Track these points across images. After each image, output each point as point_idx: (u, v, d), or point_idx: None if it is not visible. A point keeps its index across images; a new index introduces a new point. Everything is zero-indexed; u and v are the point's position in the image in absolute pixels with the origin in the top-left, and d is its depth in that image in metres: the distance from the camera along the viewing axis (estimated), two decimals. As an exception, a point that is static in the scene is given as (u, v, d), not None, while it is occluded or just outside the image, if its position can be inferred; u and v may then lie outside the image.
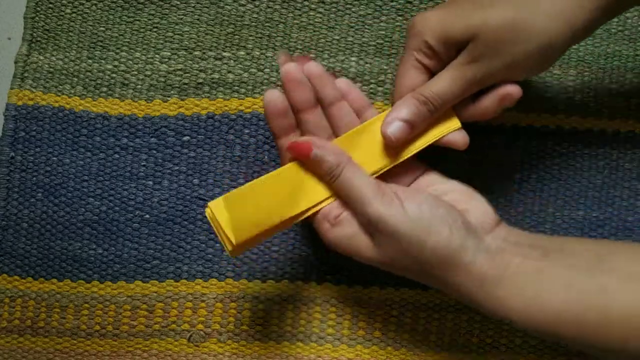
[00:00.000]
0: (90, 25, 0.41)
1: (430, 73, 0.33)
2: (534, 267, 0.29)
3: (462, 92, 0.32)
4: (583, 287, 0.28)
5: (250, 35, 0.41)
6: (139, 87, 0.41)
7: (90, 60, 0.41)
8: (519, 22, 0.30)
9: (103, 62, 0.41)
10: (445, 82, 0.32)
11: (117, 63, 0.41)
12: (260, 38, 0.41)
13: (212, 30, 0.41)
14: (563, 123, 0.41)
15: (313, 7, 0.41)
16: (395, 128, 0.32)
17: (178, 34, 0.41)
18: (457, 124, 0.33)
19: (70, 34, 0.41)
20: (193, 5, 0.41)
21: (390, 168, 0.33)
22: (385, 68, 0.41)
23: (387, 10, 0.41)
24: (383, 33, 0.41)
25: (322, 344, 0.39)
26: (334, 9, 0.41)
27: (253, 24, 0.41)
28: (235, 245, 0.31)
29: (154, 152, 0.40)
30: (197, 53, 0.41)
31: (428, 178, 0.34)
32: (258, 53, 0.41)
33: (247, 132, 0.40)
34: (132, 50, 0.41)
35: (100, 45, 0.41)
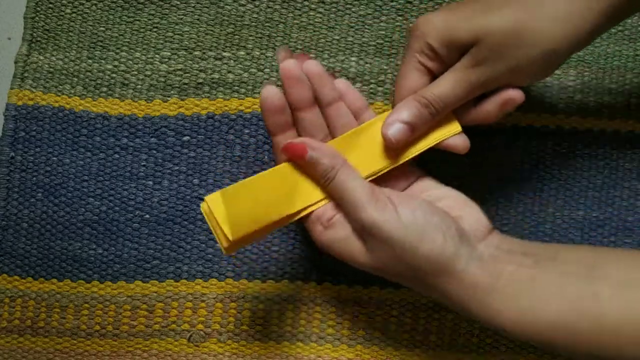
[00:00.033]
0: (90, 25, 0.41)
1: (432, 75, 0.33)
2: (527, 275, 0.29)
3: (464, 95, 0.32)
4: (576, 295, 0.28)
5: (250, 35, 0.41)
6: (139, 87, 0.41)
7: (90, 60, 0.41)
8: (525, 27, 0.29)
9: (103, 62, 0.41)
10: (448, 85, 0.31)
11: (117, 63, 0.41)
12: (260, 38, 0.41)
13: (212, 30, 0.41)
14: (563, 123, 0.41)
15: (313, 7, 0.41)
16: (396, 130, 0.31)
17: (178, 34, 0.41)
18: (457, 128, 0.33)
19: (70, 34, 0.41)
20: (193, 5, 0.41)
21: (385, 173, 0.33)
22: (385, 68, 0.41)
23: (387, 10, 0.41)
24: (383, 33, 0.41)
25: (322, 344, 0.39)
26: (334, 9, 0.41)
27: (253, 24, 0.41)
28: (232, 242, 0.31)
29: (154, 152, 0.40)
30: (197, 53, 0.41)
31: (422, 184, 0.34)
32: (258, 53, 0.41)
33: (247, 132, 0.40)
34: (132, 50, 0.41)
35: (100, 45, 0.41)
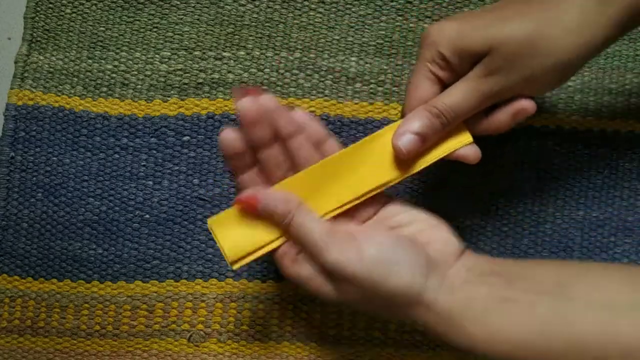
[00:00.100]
0: (90, 25, 0.41)
1: (443, 84, 0.32)
2: (499, 297, 0.29)
3: (476, 105, 0.31)
4: (546, 316, 0.28)
5: (250, 35, 0.41)
6: (139, 87, 0.41)
7: (90, 60, 0.41)
8: (539, 37, 0.29)
9: (103, 62, 0.41)
10: (460, 95, 0.31)
11: (117, 63, 0.41)
12: (260, 38, 0.41)
13: (212, 30, 0.41)
14: (563, 123, 0.41)
15: (313, 7, 0.41)
16: (407, 140, 0.31)
17: (178, 34, 0.41)
18: (468, 138, 0.32)
19: (70, 34, 0.41)
20: (193, 5, 0.41)
21: (370, 195, 0.32)
22: (385, 68, 0.41)
23: (387, 10, 0.41)
24: (383, 33, 0.41)
25: (322, 344, 0.39)
26: (334, 9, 0.41)
27: (253, 24, 0.41)
28: (231, 262, 0.31)
29: (154, 152, 0.40)
30: (197, 53, 0.41)
31: (391, 208, 0.33)
32: (258, 53, 0.41)
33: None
34: (132, 50, 0.41)
35: (100, 45, 0.41)
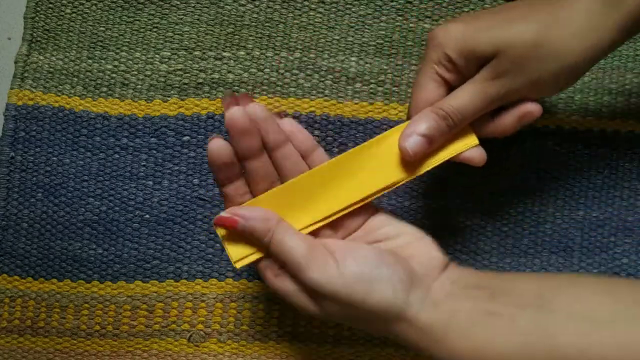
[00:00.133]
0: (90, 25, 0.41)
1: (449, 86, 0.32)
2: (483, 310, 0.29)
3: (483, 108, 0.31)
4: (529, 329, 0.28)
5: (250, 35, 0.41)
6: (139, 87, 0.41)
7: (90, 60, 0.41)
8: (546, 40, 0.29)
9: (103, 62, 0.41)
10: (466, 97, 0.31)
11: (117, 63, 0.41)
12: (260, 38, 0.41)
13: (212, 30, 0.41)
14: (563, 123, 0.41)
15: (313, 7, 0.41)
16: (413, 142, 0.31)
17: (178, 34, 0.41)
18: (474, 141, 0.32)
19: (70, 34, 0.41)
20: (193, 5, 0.41)
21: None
22: (385, 68, 0.41)
23: (387, 10, 0.41)
24: (383, 33, 0.41)
25: (322, 344, 0.39)
26: (334, 9, 0.41)
27: (253, 24, 0.41)
28: (234, 261, 0.31)
29: (154, 152, 0.40)
30: (197, 53, 0.41)
31: (377, 220, 0.33)
32: (258, 53, 0.41)
33: (247, 132, 0.40)
34: (132, 50, 0.41)
35: (100, 45, 0.41)
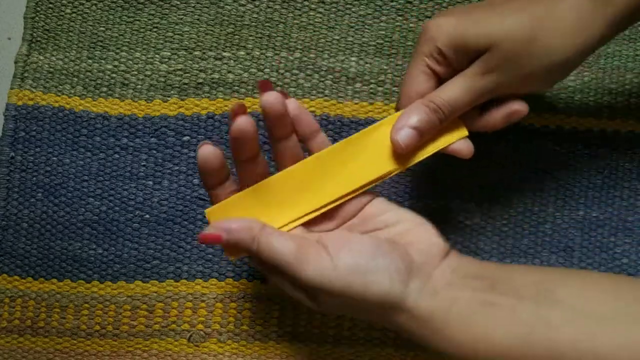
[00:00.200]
0: (90, 25, 0.41)
1: (439, 79, 0.32)
2: (482, 300, 0.29)
3: (473, 101, 0.31)
4: (529, 321, 0.28)
5: (250, 35, 0.41)
6: (139, 87, 0.41)
7: (90, 60, 0.41)
8: (540, 36, 0.29)
9: (103, 62, 0.41)
10: (457, 90, 0.31)
11: (117, 63, 0.41)
12: (260, 38, 0.41)
13: (212, 30, 0.41)
14: (563, 123, 0.41)
15: (313, 7, 0.41)
16: (405, 135, 0.31)
17: (178, 34, 0.41)
18: (464, 132, 0.33)
19: (70, 34, 0.41)
20: (193, 5, 0.41)
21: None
22: (385, 68, 0.41)
23: (387, 10, 0.41)
24: (383, 33, 0.41)
25: (322, 344, 0.39)
26: (334, 9, 0.41)
27: (253, 24, 0.41)
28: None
29: (154, 152, 0.40)
30: (197, 53, 0.41)
31: (375, 206, 0.32)
32: (258, 53, 0.41)
33: (247, 132, 0.40)
34: (132, 50, 0.41)
35: (100, 45, 0.41)
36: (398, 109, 0.33)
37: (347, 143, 0.32)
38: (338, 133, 0.40)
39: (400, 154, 0.32)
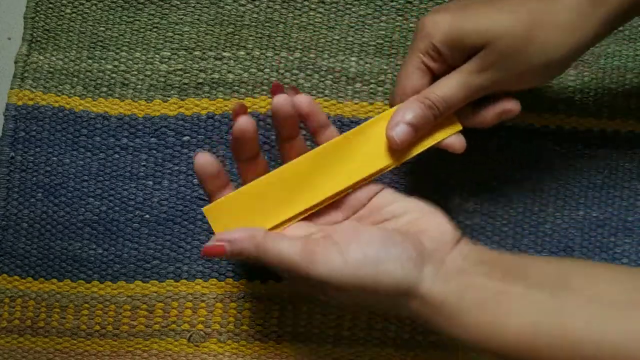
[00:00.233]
0: (90, 25, 0.41)
1: (433, 75, 0.33)
2: (496, 287, 0.29)
3: (468, 98, 0.32)
4: (543, 308, 0.28)
5: (250, 35, 0.41)
6: (139, 87, 0.41)
7: (90, 60, 0.41)
8: (536, 34, 0.30)
9: (103, 62, 0.41)
10: (453, 87, 0.31)
11: (117, 63, 0.41)
12: (260, 38, 0.41)
13: (212, 30, 0.41)
14: (563, 123, 0.41)
15: (313, 7, 0.41)
16: (400, 131, 0.31)
17: (178, 34, 0.41)
18: (458, 127, 0.33)
19: (70, 34, 0.41)
20: (193, 5, 0.41)
21: (363, 183, 0.33)
22: (385, 68, 0.41)
23: (387, 10, 0.41)
24: (383, 33, 0.41)
25: (322, 344, 0.39)
26: (334, 9, 0.41)
27: (253, 24, 0.41)
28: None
29: (154, 152, 0.40)
30: (197, 53, 0.41)
31: (383, 197, 0.33)
32: (258, 53, 0.41)
33: (247, 132, 0.40)
34: (132, 50, 0.41)
35: (100, 45, 0.41)
36: (392, 105, 0.33)
37: (342, 139, 0.33)
38: (338, 133, 0.40)
39: (395, 150, 0.32)
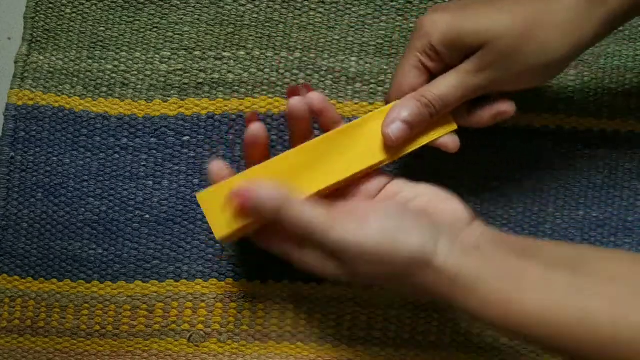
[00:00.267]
0: (90, 25, 0.41)
1: (430, 74, 0.33)
2: (514, 264, 0.28)
3: (465, 97, 0.32)
4: (562, 288, 0.27)
5: (250, 35, 0.41)
6: (139, 87, 0.41)
7: (90, 60, 0.41)
8: (534, 34, 0.30)
9: (103, 62, 0.41)
10: (450, 86, 0.31)
11: (117, 63, 0.41)
12: (260, 38, 0.41)
13: (212, 30, 0.41)
14: (563, 123, 0.41)
15: (313, 7, 0.41)
16: (396, 128, 0.32)
17: (178, 34, 0.41)
18: (453, 126, 0.33)
19: (70, 34, 0.41)
20: (193, 5, 0.41)
21: (357, 177, 0.33)
22: (385, 68, 0.41)
23: (387, 10, 0.41)
24: (383, 33, 0.41)
25: (322, 344, 0.39)
26: (334, 9, 0.41)
27: (253, 24, 0.41)
28: (219, 237, 0.31)
29: (154, 152, 0.40)
30: (197, 53, 0.41)
31: (395, 185, 0.33)
32: (258, 53, 0.41)
33: (247, 132, 0.40)
34: (132, 50, 0.41)
35: (100, 45, 0.41)
36: (387, 103, 0.34)
37: (338, 133, 0.33)
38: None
39: (391, 146, 0.33)
